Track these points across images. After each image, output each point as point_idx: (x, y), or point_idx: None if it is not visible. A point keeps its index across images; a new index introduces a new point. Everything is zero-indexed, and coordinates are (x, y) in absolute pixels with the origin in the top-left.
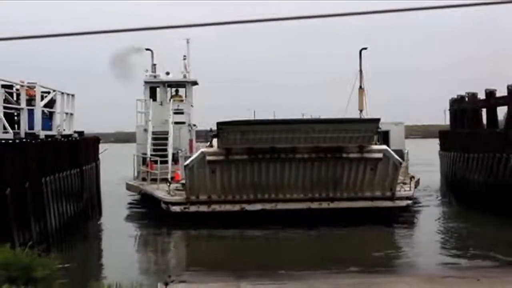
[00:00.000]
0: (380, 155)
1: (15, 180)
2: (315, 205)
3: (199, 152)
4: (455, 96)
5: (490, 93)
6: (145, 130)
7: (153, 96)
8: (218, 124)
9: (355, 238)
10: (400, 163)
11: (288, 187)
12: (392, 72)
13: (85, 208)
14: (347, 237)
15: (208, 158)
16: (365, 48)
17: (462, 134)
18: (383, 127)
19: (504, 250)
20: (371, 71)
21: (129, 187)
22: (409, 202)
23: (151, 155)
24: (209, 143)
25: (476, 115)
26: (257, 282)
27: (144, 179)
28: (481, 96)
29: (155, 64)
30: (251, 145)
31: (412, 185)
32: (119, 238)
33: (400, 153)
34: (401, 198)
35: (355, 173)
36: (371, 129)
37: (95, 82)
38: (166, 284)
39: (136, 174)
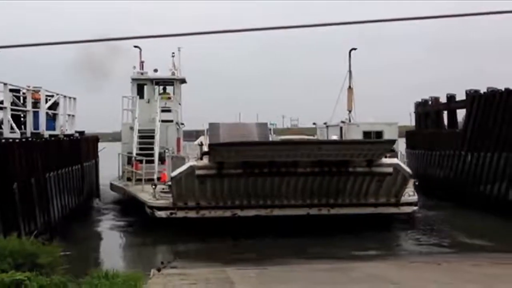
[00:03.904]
0: (390, 169)
1: (21, 176)
2: (314, 211)
3: (187, 165)
4: (420, 100)
5: (450, 97)
6: (131, 128)
7: (140, 93)
8: (210, 145)
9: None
10: (410, 175)
11: (286, 195)
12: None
13: (85, 200)
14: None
15: (198, 172)
16: (354, 49)
17: (426, 134)
18: (376, 127)
19: (464, 234)
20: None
21: (113, 188)
22: (415, 208)
23: (136, 154)
24: (199, 153)
25: (438, 117)
26: (242, 267)
27: (129, 179)
28: (443, 99)
29: (143, 62)
30: (247, 160)
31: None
32: (113, 229)
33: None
34: (406, 204)
35: (359, 184)
36: (384, 148)
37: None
38: (159, 270)
39: (121, 174)
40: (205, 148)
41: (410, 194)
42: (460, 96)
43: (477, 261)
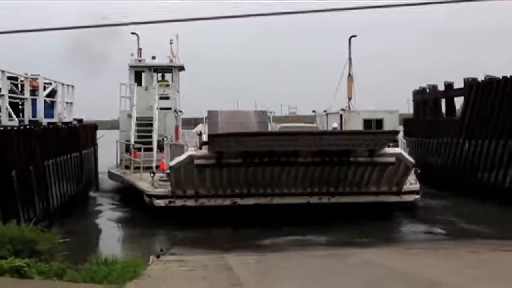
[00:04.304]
0: (392, 159)
1: (20, 163)
2: (314, 199)
3: (186, 155)
4: (418, 88)
5: (448, 85)
6: (129, 116)
7: (138, 81)
8: (209, 136)
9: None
10: (413, 165)
11: (286, 184)
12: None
13: (84, 188)
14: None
15: (197, 162)
16: (354, 36)
17: (424, 122)
18: (376, 115)
19: (462, 221)
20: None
21: (111, 176)
22: (417, 197)
23: (135, 142)
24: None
25: (436, 105)
26: (240, 254)
27: (127, 167)
28: (441, 87)
29: (140, 49)
30: (247, 149)
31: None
32: (113, 217)
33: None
34: (408, 193)
35: (361, 173)
36: (387, 139)
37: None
38: (158, 256)
39: (119, 162)
40: (204, 138)
41: (412, 182)
42: (458, 84)
43: (474, 247)
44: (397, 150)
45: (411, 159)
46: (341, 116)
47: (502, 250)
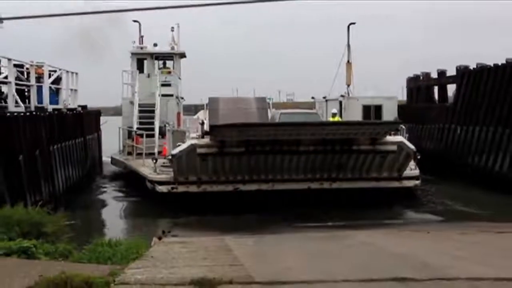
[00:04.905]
0: (394, 147)
1: (26, 148)
2: (315, 185)
3: (188, 143)
4: (411, 75)
5: (441, 73)
6: (131, 103)
7: (140, 68)
8: (212, 126)
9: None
10: (414, 152)
11: (288, 170)
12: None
13: (88, 172)
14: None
15: (199, 150)
16: (353, 23)
17: (417, 108)
18: (375, 101)
19: (455, 202)
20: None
21: (114, 162)
22: (417, 182)
23: (137, 128)
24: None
25: (429, 92)
26: (239, 236)
27: (129, 154)
28: (434, 75)
29: (142, 36)
30: (249, 138)
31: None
32: (116, 201)
33: None
34: (408, 178)
35: (362, 159)
36: (389, 129)
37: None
38: (160, 238)
39: (121, 148)
40: (206, 126)
41: (411, 168)
42: (451, 72)
43: (464, 229)
44: (399, 138)
45: (412, 146)
46: (340, 102)
47: (490, 232)
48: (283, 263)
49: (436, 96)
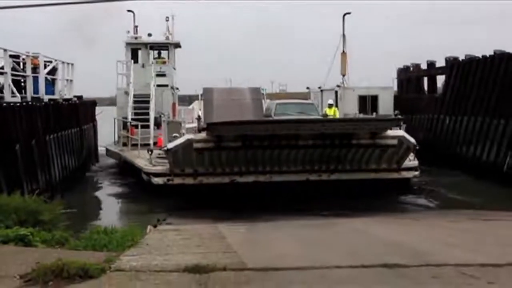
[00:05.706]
0: (394, 141)
1: (23, 138)
2: (314, 176)
3: (185, 138)
4: (402, 66)
5: (431, 64)
6: (126, 93)
7: (134, 58)
8: (208, 124)
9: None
10: (415, 146)
11: (286, 163)
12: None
13: (84, 162)
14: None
15: (196, 145)
16: (348, 13)
17: (408, 99)
18: (371, 91)
19: (445, 191)
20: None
21: (109, 153)
22: (416, 173)
23: (132, 119)
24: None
25: (419, 83)
26: (232, 224)
27: (124, 144)
28: (424, 66)
29: (136, 26)
30: (247, 133)
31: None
32: (111, 191)
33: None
34: (407, 169)
35: (362, 152)
36: (390, 125)
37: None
38: (155, 226)
39: (116, 139)
40: (201, 119)
41: (410, 159)
42: (440, 63)
43: (454, 217)
44: (399, 132)
45: (412, 140)
46: (336, 92)
47: (478, 220)
48: (276, 250)
49: (425, 87)
